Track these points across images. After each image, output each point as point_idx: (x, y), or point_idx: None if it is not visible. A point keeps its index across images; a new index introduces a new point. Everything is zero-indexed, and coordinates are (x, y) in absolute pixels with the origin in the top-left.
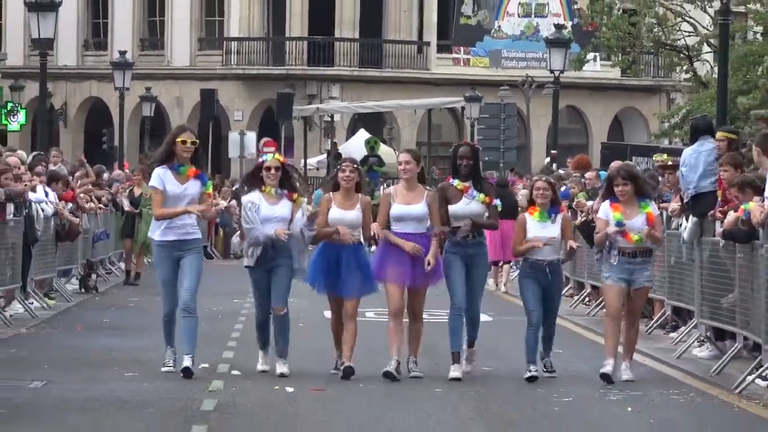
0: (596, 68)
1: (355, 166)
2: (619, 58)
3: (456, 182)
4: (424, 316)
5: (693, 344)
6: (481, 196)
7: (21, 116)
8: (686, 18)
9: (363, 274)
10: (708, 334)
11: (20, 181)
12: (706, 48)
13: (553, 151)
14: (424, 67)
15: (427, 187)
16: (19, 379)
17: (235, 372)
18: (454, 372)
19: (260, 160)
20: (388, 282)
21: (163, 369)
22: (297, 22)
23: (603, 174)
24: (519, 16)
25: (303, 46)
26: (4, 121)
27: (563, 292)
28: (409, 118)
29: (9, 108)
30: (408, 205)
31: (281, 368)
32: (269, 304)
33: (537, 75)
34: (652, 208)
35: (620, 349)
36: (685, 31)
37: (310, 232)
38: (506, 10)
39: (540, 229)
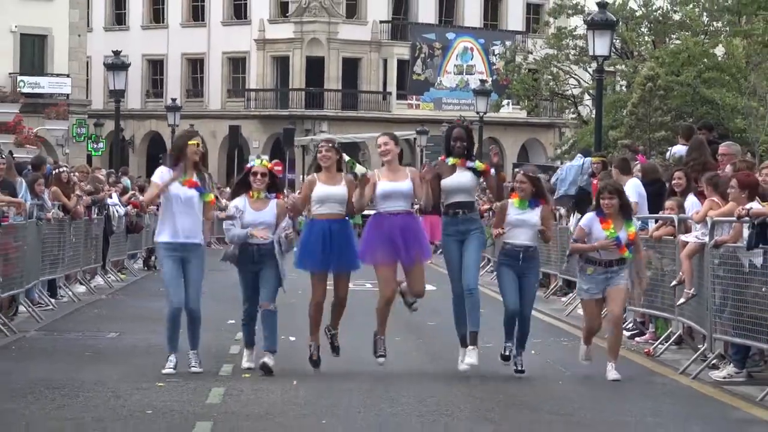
0: (509, 110)
1: (331, 145)
2: (525, 104)
3: (450, 159)
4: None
5: (578, 305)
6: (479, 163)
7: (101, 145)
8: (573, 75)
9: (352, 249)
10: None
11: (102, 191)
12: (586, 96)
13: None
14: (387, 109)
15: (410, 167)
16: (101, 331)
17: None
18: (469, 358)
19: (248, 165)
20: (379, 265)
21: (164, 371)
22: (297, 77)
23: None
24: (454, 74)
25: (302, 94)
26: (89, 148)
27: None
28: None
29: (93, 139)
30: (393, 182)
31: (268, 361)
32: (257, 299)
33: (467, 115)
34: (635, 224)
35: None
36: (571, 85)
37: (289, 233)
38: (445, 70)
39: (519, 214)
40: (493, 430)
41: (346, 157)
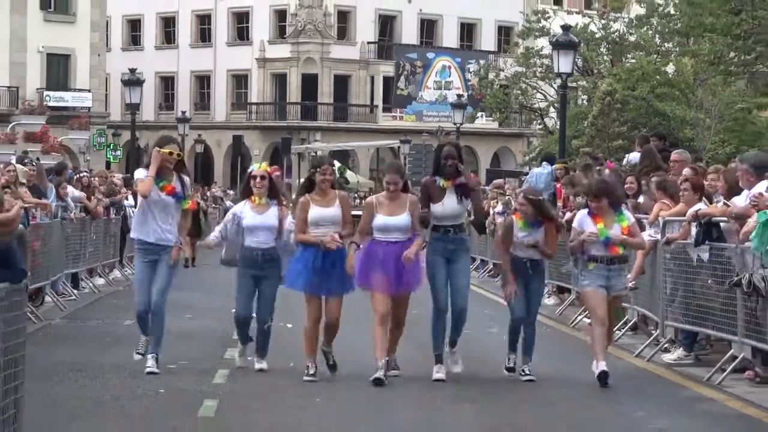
0: (483, 122)
1: (333, 168)
2: (497, 116)
3: (441, 181)
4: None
5: (545, 296)
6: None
7: (119, 153)
8: (540, 90)
9: (343, 271)
10: (554, 289)
11: (119, 193)
12: (552, 109)
13: None
14: (374, 121)
15: (410, 195)
16: (119, 319)
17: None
18: (438, 373)
19: (249, 170)
20: (373, 290)
21: (136, 356)
22: (294, 92)
23: (487, 188)
24: (434, 89)
25: (298, 107)
26: (108, 156)
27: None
28: (364, 153)
29: (112, 147)
30: (392, 217)
31: (259, 365)
32: (251, 305)
33: (445, 126)
34: (627, 217)
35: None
36: (538, 99)
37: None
38: (426, 85)
39: (524, 237)
40: (472, 408)
41: (337, 164)
